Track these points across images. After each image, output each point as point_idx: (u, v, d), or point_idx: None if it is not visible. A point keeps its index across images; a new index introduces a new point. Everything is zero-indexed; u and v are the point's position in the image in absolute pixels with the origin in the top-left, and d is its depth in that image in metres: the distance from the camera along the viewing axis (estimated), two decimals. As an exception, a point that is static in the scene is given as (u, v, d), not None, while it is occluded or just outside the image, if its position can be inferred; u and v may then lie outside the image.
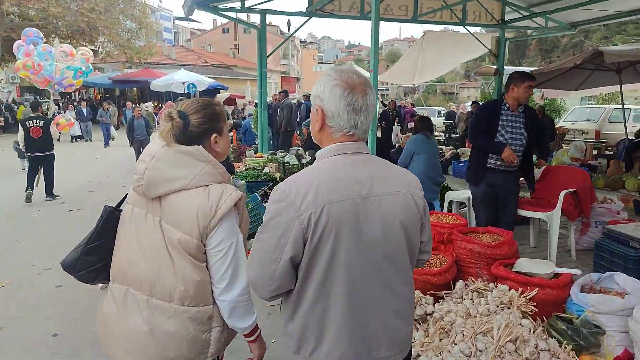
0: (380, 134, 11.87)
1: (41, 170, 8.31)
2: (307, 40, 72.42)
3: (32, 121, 8.06)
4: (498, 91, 11.08)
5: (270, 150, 9.71)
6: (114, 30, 25.29)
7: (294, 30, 9.96)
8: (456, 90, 61.78)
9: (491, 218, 3.94)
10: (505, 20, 10.50)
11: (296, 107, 11.89)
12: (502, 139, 3.86)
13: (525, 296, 2.68)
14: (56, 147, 8.62)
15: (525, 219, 4.52)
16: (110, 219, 1.72)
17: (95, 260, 1.71)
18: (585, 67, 8.71)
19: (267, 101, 10.12)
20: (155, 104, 28.13)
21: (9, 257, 5.42)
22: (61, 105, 24.57)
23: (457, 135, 14.10)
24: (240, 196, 1.62)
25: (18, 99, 26.16)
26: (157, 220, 1.60)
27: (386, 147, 9.40)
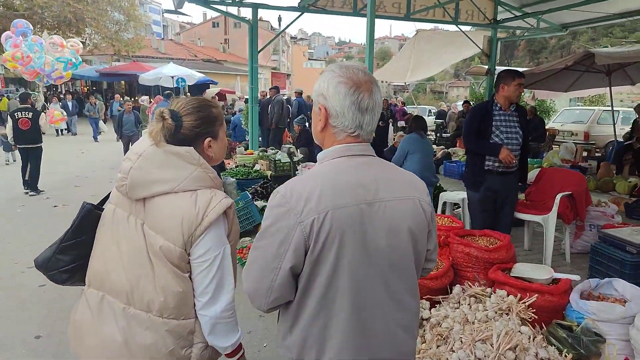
0: (375, 133, 11.81)
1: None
2: (297, 36, 72.11)
3: (20, 113, 8.01)
4: (489, 91, 11.08)
5: (261, 147, 9.59)
6: (101, 21, 24.86)
7: (286, 25, 9.80)
8: (445, 90, 62.06)
9: (488, 221, 3.89)
10: (497, 19, 10.51)
11: (287, 103, 11.78)
12: (497, 140, 3.81)
13: (525, 302, 2.63)
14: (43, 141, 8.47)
15: (519, 221, 4.48)
16: (88, 217, 1.61)
17: (69, 260, 1.60)
18: (575, 69, 8.74)
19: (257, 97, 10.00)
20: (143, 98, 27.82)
21: (-10, 254, 5.25)
22: (47, 97, 24.08)
23: (448, 135, 14.09)
24: (230, 204, 1.52)
25: (2, 91, 25.61)
26: (139, 224, 1.50)
27: (380, 147, 9.34)
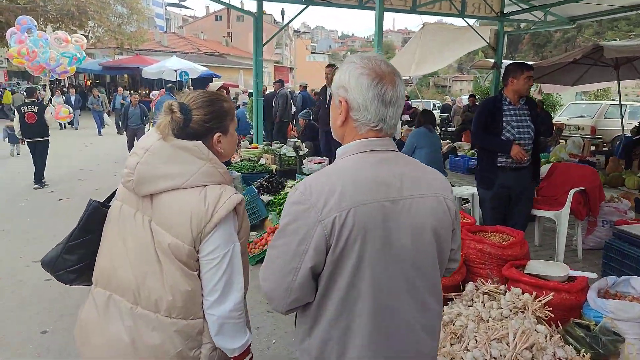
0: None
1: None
2: (300, 30, 71.83)
3: (26, 107, 8.18)
4: (496, 85, 10.97)
5: (265, 141, 9.53)
6: (104, 14, 24.75)
7: (292, 18, 9.69)
8: (449, 84, 61.71)
9: (500, 217, 3.82)
10: (504, 12, 10.38)
11: (292, 97, 11.69)
12: (509, 135, 3.72)
13: (540, 300, 2.57)
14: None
15: (529, 216, 4.41)
16: (95, 215, 1.56)
17: (76, 260, 1.56)
18: (583, 62, 8.62)
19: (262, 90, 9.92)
20: (147, 91, 27.75)
21: (-5, 248, 5.22)
22: (51, 91, 24.05)
23: (453, 129, 13.99)
24: (240, 200, 1.47)
25: (5, 84, 25.58)
26: (147, 221, 1.45)
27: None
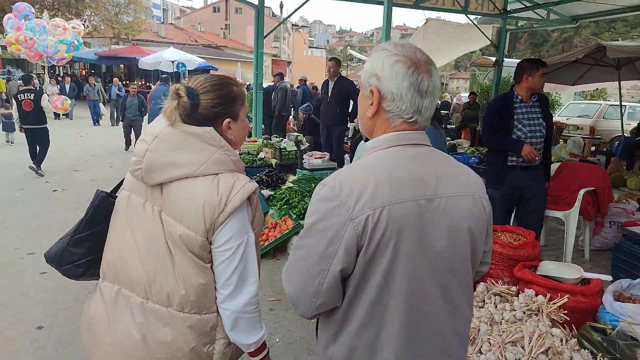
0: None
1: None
2: (298, 23, 71.44)
3: (23, 94, 8.17)
4: (497, 82, 10.91)
5: (264, 135, 9.42)
6: (100, 3, 24.47)
7: (294, 10, 9.54)
8: (446, 81, 61.71)
9: (507, 218, 3.75)
10: (507, 10, 10.31)
11: (291, 90, 11.58)
12: (520, 134, 3.63)
13: (555, 303, 2.51)
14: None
15: (542, 217, 4.35)
16: (102, 207, 1.50)
17: (83, 253, 1.49)
18: (584, 62, 8.57)
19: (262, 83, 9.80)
20: (143, 82, 27.49)
21: (-11, 239, 5.10)
22: (43, 79, 23.76)
23: (452, 126, 13.93)
24: (254, 188, 1.41)
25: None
26: (156, 211, 1.38)
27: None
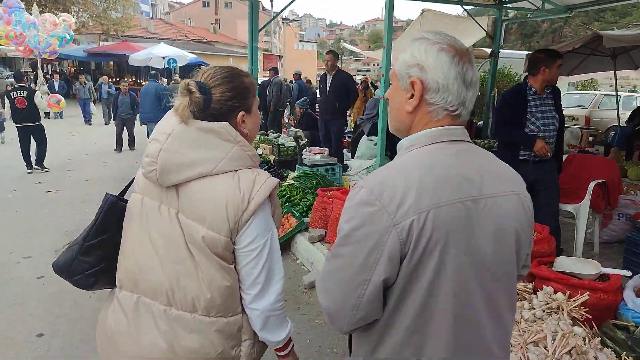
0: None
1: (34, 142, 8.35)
2: (289, 17, 70.95)
3: (16, 92, 8.09)
4: (493, 74, 10.84)
5: (260, 131, 9.29)
6: (89, -1, 24.09)
7: (289, 3, 9.41)
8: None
9: None
10: (502, 0, 10.23)
11: (286, 85, 11.44)
12: (533, 128, 3.54)
13: (575, 300, 2.44)
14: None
15: (557, 211, 4.27)
16: (112, 211, 1.41)
17: (94, 262, 1.40)
18: (580, 52, 8.52)
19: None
20: (133, 78, 27.13)
21: (-18, 243, 4.95)
22: (31, 77, 23.41)
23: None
24: (276, 183, 1.36)
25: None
26: (173, 214, 1.31)
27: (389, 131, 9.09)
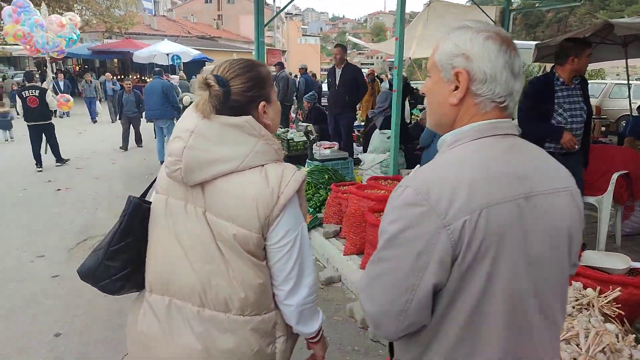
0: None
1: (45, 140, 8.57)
2: (291, 12, 70.61)
3: (28, 91, 8.18)
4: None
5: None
6: (92, -3, 24.02)
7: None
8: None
9: None
10: (511, -10, 10.10)
11: (292, 80, 11.37)
12: (560, 119, 3.43)
13: (606, 296, 2.38)
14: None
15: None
16: (136, 214, 1.37)
17: (120, 266, 1.37)
18: (590, 41, 8.39)
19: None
20: (137, 75, 27.08)
21: (-5, 242, 4.93)
22: (37, 77, 23.42)
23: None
24: (304, 177, 1.33)
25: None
26: (200, 213, 1.28)
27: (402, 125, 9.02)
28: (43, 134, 8.44)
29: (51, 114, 8.67)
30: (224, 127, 1.25)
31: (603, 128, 10.20)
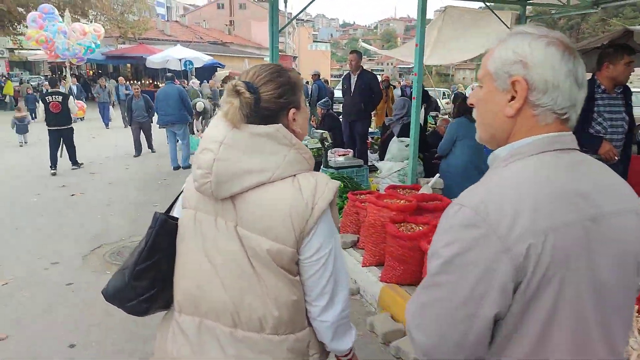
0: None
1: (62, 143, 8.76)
2: (302, 18, 70.94)
3: (51, 97, 8.39)
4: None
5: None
6: (106, 2, 24.31)
7: (308, 3, 9.29)
8: (451, 72, 61.13)
9: None
10: (527, -4, 9.99)
11: (305, 86, 11.33)
12: (599, 128, 3.28)
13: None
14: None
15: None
16: (163, 231, 1.31)
17: (147, 286, 1.31)
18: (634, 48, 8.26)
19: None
20: (150, 81, 27.29)
21: (8, 248, 4.90)
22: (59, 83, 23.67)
23: (470, 118, 13.59)
24: (337, 186, 1.28)
25: (7, 74, 25.22)
26: (231, 227, 1.22)
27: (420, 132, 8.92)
28: (61, 138, 8.57)
29: (71, 119, 8.86)
30: (255, 136, 1.20)
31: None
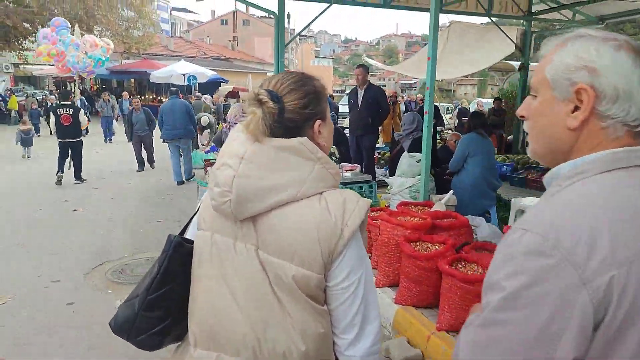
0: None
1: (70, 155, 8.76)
2: (305, 34, 71.53)
3: (62, 109, 8.50)
4: (523, 87, 10.55)
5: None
6: (111, 18, 24.53)
7: (315, 17, 9.22)
8: (453, 87, 61.35)
9: None
10: (532, 11, 9.98)
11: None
12: None
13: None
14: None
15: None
16: (178, 256, 1.18)
17: (160, 316, 1.18)
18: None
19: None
20: (154, 95, 27.36)
21: (9, 264, 4.78)
22: (56, 96, 23.75)
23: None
24: (369, 204, 1.15)
25: (11, 89, 25.34)
26: (252, 251, 1.10)
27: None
28: (70, 150, 8.63)
29: (81, 132, 8.92)
30: (278, 150, 1.08)
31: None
